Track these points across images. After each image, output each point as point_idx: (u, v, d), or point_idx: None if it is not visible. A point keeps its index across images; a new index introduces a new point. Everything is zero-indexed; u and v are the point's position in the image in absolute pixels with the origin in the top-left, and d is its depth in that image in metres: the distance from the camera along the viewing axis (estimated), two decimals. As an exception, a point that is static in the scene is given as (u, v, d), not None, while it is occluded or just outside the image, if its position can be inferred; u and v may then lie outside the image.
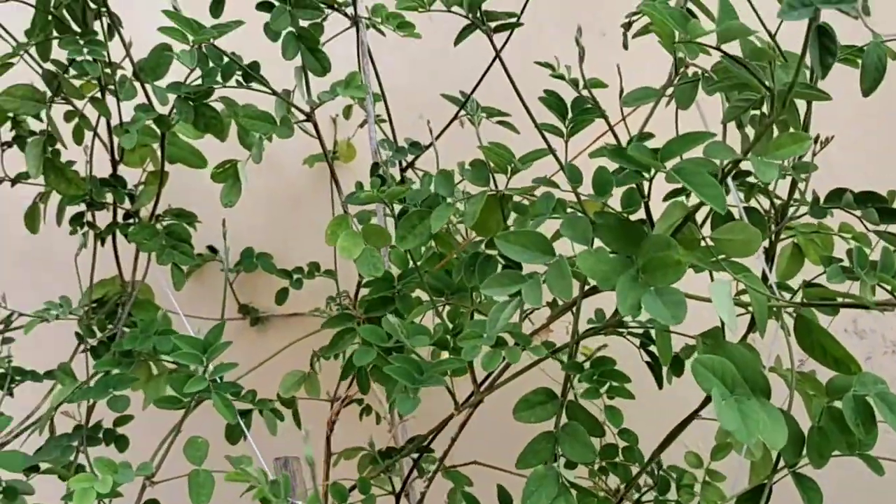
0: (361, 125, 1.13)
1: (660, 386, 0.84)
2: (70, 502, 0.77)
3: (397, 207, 0.84)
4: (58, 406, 0.95)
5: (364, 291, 1.03)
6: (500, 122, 1.01)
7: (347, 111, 1.11)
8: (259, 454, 0.94)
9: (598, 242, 0.68)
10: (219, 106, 0.98)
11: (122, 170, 1.13)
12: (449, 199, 0.80)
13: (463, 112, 1.00)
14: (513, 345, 0.76)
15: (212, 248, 1.32)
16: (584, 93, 0.71)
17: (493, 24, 0.89)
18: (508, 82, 0.97)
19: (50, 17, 0.97)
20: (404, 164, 1.03)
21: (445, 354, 0.85)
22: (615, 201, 0.73)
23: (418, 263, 0.87)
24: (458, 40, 0.92)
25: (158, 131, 1.03)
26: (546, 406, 0.74)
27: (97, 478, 0.79)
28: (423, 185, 1.01)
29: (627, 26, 0.81)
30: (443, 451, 0.92)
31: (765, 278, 0.79)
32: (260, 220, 1.36)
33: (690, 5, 0.76)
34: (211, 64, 0.91)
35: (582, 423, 0.72)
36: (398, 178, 1.08)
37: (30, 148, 0.98)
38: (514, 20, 0.91)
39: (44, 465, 0.96)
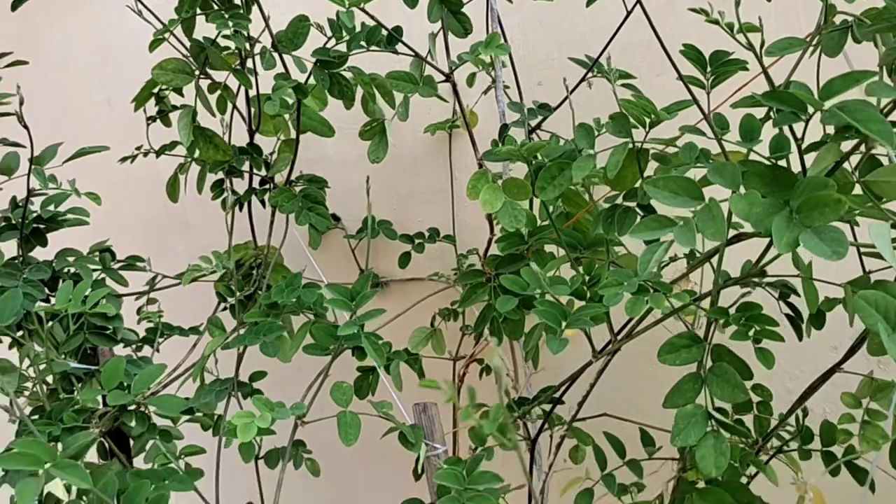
0: (486, 91, 1.15)
1: (800, 338, 0.84)
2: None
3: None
4: (210, 354, 1.02)
5: (492, 250, 1.06)
6: (624, 86, 1.02)
7: (471, 79, 1.13)
8: (398, 400, 0.99)
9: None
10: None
11: (257, 139, 1.20)
12: (589, 151, 0.81)
13: (590, 74, 1.01)
14: (654, 292, 0.77)
15: (335, 216, 1.38)
16: (740, 37, 0.71)
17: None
18: (623, 50, 0.97)
19: (198, -6, 1.04)
20: (530, 126, 1.05)
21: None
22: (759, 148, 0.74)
23: (551, 220, 0.89)
24: None
25: (291, 102, 1.08)
26: (691, 349, 0.75)
27: (257, 414, 0.84)
28: (559, 143, 1.03)
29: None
30: (574, 402, 0.94)
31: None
32: (377, 185, 1.41)
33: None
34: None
35: (730, 364, 0.72)
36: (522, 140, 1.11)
37: (180, 118, 1.05)
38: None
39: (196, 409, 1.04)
